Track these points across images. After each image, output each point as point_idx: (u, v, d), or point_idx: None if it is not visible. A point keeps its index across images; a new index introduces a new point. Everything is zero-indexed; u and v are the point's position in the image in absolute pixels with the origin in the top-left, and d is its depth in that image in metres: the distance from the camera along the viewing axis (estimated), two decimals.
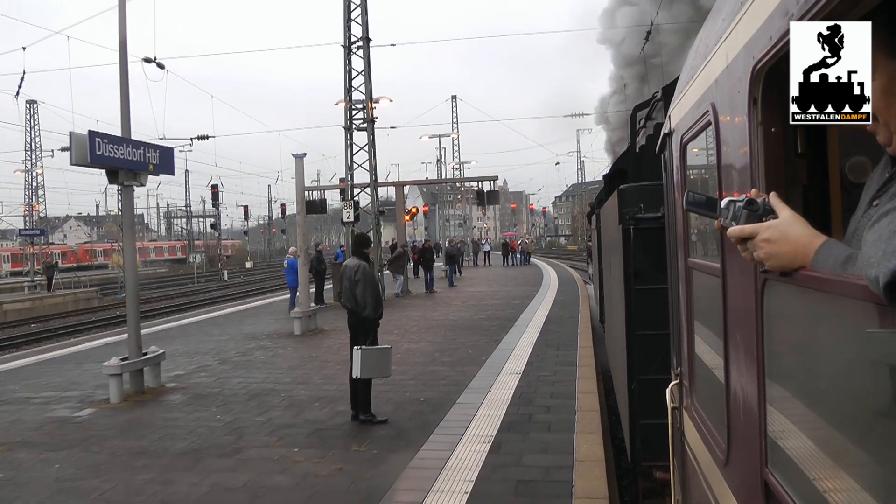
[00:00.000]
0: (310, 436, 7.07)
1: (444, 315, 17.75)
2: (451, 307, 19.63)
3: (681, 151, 2.71)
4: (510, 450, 6.36)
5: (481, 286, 27.57)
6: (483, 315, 17.23)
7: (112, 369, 9.07)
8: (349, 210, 21.84)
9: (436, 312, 18.45)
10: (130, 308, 9.86)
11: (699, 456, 2.52)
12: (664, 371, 3.68)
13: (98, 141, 9.04)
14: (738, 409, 1.88)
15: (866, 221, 1.40)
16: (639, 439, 5.58)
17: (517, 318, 16.06)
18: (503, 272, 37.61)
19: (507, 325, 14.91)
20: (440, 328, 15.10)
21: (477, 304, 20.21)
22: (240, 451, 6.66)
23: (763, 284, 1.59)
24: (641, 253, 5.56)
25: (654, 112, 6.18)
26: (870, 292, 1.06)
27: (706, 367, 2.47)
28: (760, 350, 1.64)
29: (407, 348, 12.39)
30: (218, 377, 10.40)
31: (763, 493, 1.61)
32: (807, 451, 1.46)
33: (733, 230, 1.49)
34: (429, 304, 21.04)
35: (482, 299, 21.51)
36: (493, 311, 17.93)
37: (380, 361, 7.50)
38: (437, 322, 16.24)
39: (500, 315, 16.94)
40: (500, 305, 19.33)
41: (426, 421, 7.45)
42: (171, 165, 10.88)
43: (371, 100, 22.01)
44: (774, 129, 1.66)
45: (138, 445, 6.95)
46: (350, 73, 21.81)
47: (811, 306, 1.43)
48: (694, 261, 2.62)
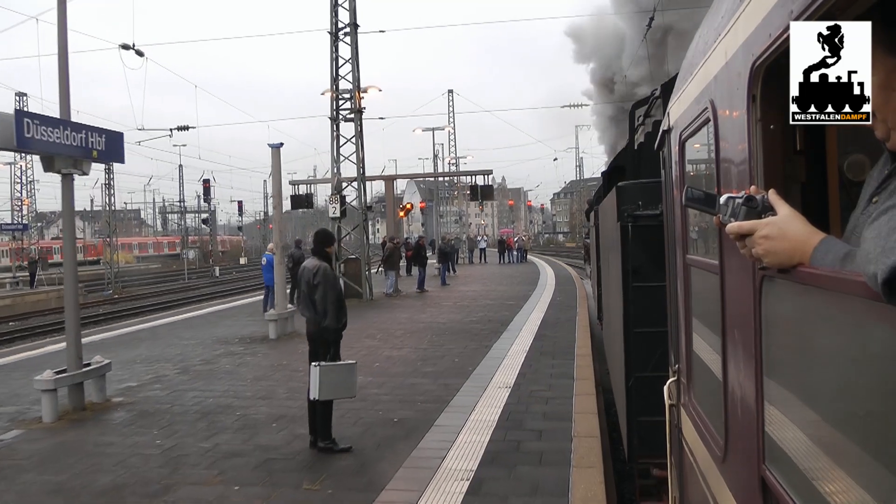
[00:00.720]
0: (257, 468, 6.10)
1: (433, 317, 16.74)
2: (442, 308, 18.63)
3: (679, 148, 2.71)
4: (492, 490, 5.43)
5: (475, 285, 26.54)
6: (474, 317, 16.34)
7: (44, 384, 7.82)
8: (335, 205, 21.07)
9: (424, 314, 17.44)
10: (69, 313, 8.69)
11: (697, 453, 2.52)
12: (662, 368, 3.68)
13: (27, 122, 7.86)
14: (735, 407, 1.88)
15: (865, 218, 1.40)
16: (636, 436, 5.59)
17: (511, 321, 15.19)
18: (499, 270, 36.46)
19: (500, 329, 14.03)
20: (427, 332, 14.09)
21: (469, 304, 19.33)
22: (169, 489, 5.68)
23: (761, 281, 1.59)
24: (640, 250, 5.56)
25: (652, 109, 6.18)
26: (868, 289, 1.06)
27: (704, 364, 2.48)
28: (758, 347, 1.64)
29: (388, 356, 11.41)
30: (172, 390, 9.37)
31: (760, 490, 1.62)
32: (804, 449, 1.46)
33: (732, 226, 1.49)
34: (418, 304, 20.08)
35: (475, 299, 20.60)
36: (485, 313, 16.96)
37: (342, 380, 6.47)
38: (424, 325, 15.23)
39: (493, 317, 16.07)
40: (494, 306, 18.41)
41: (396, 450, 6.46)
42: (120, 153, 9.70)
43: (359, 89, 21.13)
44: (773, 126, 1.66)
45: (55, 481, 5.96)
46: (337, 60, 20.97)
47: (809, 303, 1.43)
48: (692, 258, 2.62)
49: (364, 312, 17.59)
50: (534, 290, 23.03)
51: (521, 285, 25.12)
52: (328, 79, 21.14)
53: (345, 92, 21.17)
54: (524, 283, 26.36)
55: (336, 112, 21.20)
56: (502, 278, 29.87)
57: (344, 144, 21.56)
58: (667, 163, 3.14)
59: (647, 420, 5.25)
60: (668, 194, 3.21)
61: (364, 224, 21.95)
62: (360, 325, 14.33)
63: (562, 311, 17.05)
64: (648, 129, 6.47)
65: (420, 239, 27.12)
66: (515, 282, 27.16)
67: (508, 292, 22.51)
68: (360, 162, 21.69)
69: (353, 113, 21.23)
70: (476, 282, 28.41)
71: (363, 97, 21.51)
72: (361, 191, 22.04)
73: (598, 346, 12.45)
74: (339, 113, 21.24)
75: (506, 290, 23.69)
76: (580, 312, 16.44)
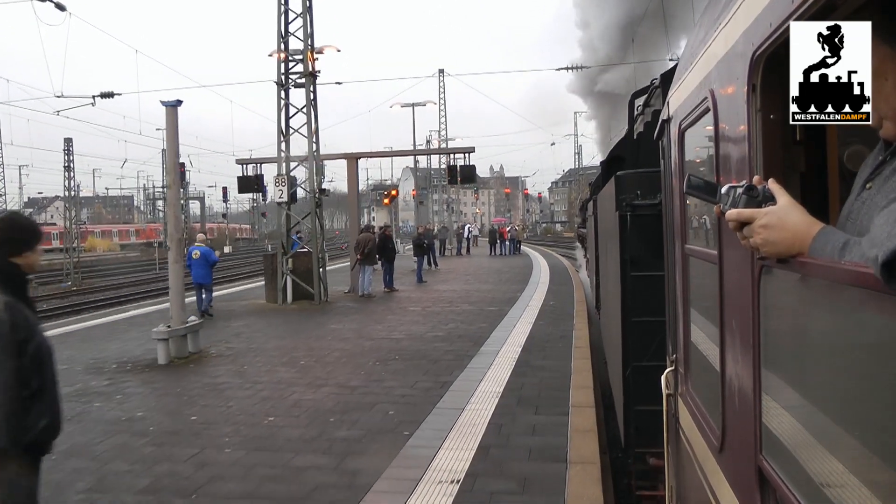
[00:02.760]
0: None
1: (390, 330, 13.00)
2: (406, 316, 15.08)
3: (679, 138, 2.70)
4: None
5: (456, 283, 22.93)
6: (441, 331, 12.67)
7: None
8: (281, 188, 17.55)
9: (381, 325, 13.70)
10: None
11: (694, 443, 2.53)
12: (659, 358, 3.69)
13: None
14: (733, 397, 1.88)
15: (860, 204, 1.40)
16: (633, 426, 5.62)
17: (486, 339, 11.55)
18: (488, 263, 32.86)
19: (470, 352, 10.42)
20: (370, 356, 10.35)
21: (441, 310, 15.67)
22: None
23: (760, 271, 1.59)
24: (638, 240, 5.57)
25: (652, 98, 6.17)
26: (865, 278, 1.06)
27: (701, 354, 2.48)
28: (756, 337, 1.64)
29: (295, 401, 7.83)
30: None
31: (757, 480, 1.62)
32: (801, 439, 1.47)
33: (731, 213, 1.50)
34: (380, 309, 16.52)
35: (451, 302, 17.16)
36: (457, 325, 13.39)
37: None
38: (371, 344, 11.46)
39: (465, 332, 12.40)
40: (471, 314, 14.79)
41: None
42: None
43: (311, 49, 17.63)
44: (773, 117, 1.65)
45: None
46: (286, 14, 17.58)
47: (807, 293, 1.43)
48: (691, 248, 2.62)
49: (305, 321, 14.69)
50: (523, 289, 19.70)
51: (510, 283, 21.88)
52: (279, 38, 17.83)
53: (296, 53, 17.86)
54: (513, 280, 23.18)
55: (285, 76, 17.85)
56: (489, 274, 26.49)
57: (294, 115, 17.99)
58: (666, 152, 3.14)
59: (645, 409, 5.27)
60: (667, 184, 3.21)
61: (317, 211, 18.38)
62: (288, 342, 11.96)
63: (555, 321, 13.49)
64: (648, 118, 6.45)
65: (385, 229, 22.70)
66: (503, 278, 23.95)
67: (493, 293, 19.19)
68: (313, 135, 17.94)
69: (304, 76, 17.65)
70: (458, 278, 24.80)
71: (317, 58, 18.15)
72: (312, 170, 18.27)
73: (605, 386, 8.71)
74: (289, 77, 17.89)
75: (490, 289, 20.30)
76: (578, 326, 12.83)
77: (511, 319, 13.86)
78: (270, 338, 12.59)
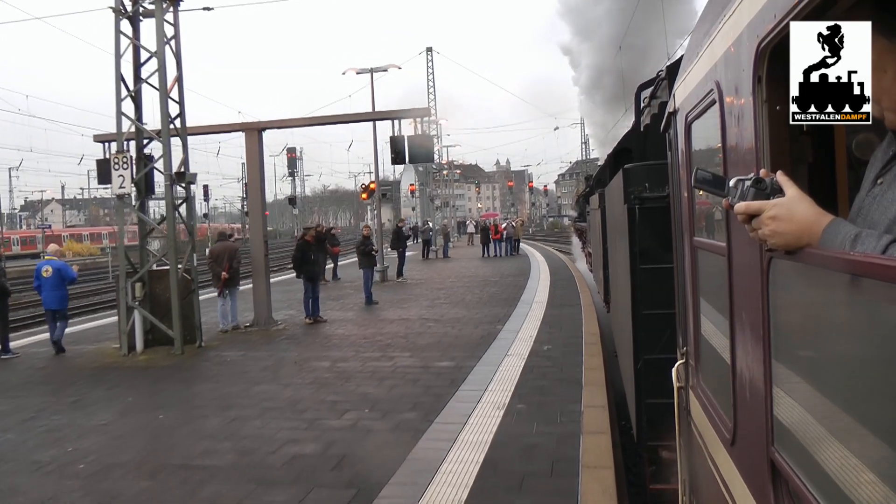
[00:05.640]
0: None
1: (220, 437, 6.69)
2: (294, 387, 8.60)
3: (685, 130, 2.70)
4: None
5: (418, 304, 16.49)
6: (314, 445, 6.30)
7: None
8: (121, 171, 11.55)
9: (226, 417, 7.35)
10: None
11: (705, 435, 2.53)
12: (670, 350, 3.69)
13: None
14: (744, 389, 1.88)
15: (871, 200, 1.40)
16: (644, 419, 5.61)
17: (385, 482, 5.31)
18: (475, 269, 26.24)
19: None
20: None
21: (366, 371, 9.32)
22: None
23: (768, 263, 1.59)
24: (647, 232, 5.56)
25: (658, 90, 6.15)
26: (875, 269, 1.06)
27: (712, 346, 2.48)
28: (766, 329, 1.64)
29: None
30: None
31: (769, 473, 1.62)
32: (813, 431, 1.46)
33: (740, 206, 1.49)
34: (268, 362, 10.29)
35: (390, 349, 10.84)
36: (376, 415, 7.18)
37: None
38: None
39: (381, 444, 6.24)
40: (410, 377, 8.81)
41: None
42: None
43: None
44: (779, 107, 1.64)
45: None
46: None
47: (816, 285, 1.42)
48: (699, 240, 2.62)
49: (140, 399, 8.52)
50: (509, 315, 13.84)
51: (492, 305, 15.62)
52: None
53: None
54: (500, 298, 16.81)
55: None
56: (472, 286, 19.89)
57: (146, 61, 12.06)
58: (673, 145, 3.13)
59: (656, 402, 5.27)
60: (674, 176, 3.20)
61: (171, 201, 12.03)
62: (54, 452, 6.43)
63: (543, 405, 7.21)
64: (654, 110, 6.43)
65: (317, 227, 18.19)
66: (487, 295, 17.54)
67: (462, 325, 13.00)
68: (163, 88, 11.80)
69: (156, 2, 11.70)
70: (428, 294, 18.56)
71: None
72: (167, 143, 11.81)
73: None
74: (138, 3, 11.95)
75: (461, 317, 14.01)
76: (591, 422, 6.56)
77: (473, 392, 7.81)
78: None
